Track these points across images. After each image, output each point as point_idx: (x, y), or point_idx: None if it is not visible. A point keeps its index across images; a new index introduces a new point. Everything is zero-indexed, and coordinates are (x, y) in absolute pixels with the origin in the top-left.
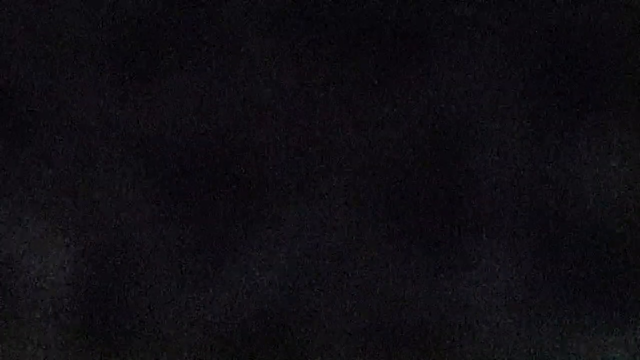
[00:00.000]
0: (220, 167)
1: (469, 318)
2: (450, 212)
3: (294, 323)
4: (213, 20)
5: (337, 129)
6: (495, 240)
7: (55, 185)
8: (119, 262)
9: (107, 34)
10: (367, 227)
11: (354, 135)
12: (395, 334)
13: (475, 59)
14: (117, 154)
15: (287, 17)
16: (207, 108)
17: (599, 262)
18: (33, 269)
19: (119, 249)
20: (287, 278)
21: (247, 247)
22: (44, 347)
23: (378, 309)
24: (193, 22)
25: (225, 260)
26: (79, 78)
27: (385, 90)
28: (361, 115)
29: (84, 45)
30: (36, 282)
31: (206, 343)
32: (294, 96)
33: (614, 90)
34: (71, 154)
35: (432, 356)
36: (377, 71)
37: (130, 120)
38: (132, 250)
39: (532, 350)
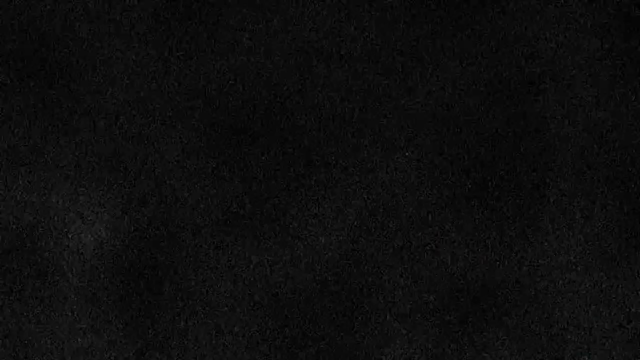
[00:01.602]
0: (282, 120)
1: (538, 279)
2: (519, 166)
3: (356, 285)
4: None
5: (400, 76)
6: (567, 197)
7: (100, 147)
8: (168, 222)
9: None
10: (433, 184)
11: (419, 83)
12: (463, 296)
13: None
14: (166, 110)
15: None
16: (263, 58)
17: None
18: (76, 231)
19: (171, 206)
20: (350, 239)
21: (309, 205)
22: (88, 310)
23: (445, 271)
24: None
25: (286, 219)
26: (126, 30)
27: (454, 35)
28: (427, 60)
29: None
30: (80, 243)
31: (263, 305)
32: (354, 42)
33: None
34: (117, 112)
35: (500, 319)
36: (444, 15)
37: (181, 75)
38: (184, 209)
39: (599, 310)
